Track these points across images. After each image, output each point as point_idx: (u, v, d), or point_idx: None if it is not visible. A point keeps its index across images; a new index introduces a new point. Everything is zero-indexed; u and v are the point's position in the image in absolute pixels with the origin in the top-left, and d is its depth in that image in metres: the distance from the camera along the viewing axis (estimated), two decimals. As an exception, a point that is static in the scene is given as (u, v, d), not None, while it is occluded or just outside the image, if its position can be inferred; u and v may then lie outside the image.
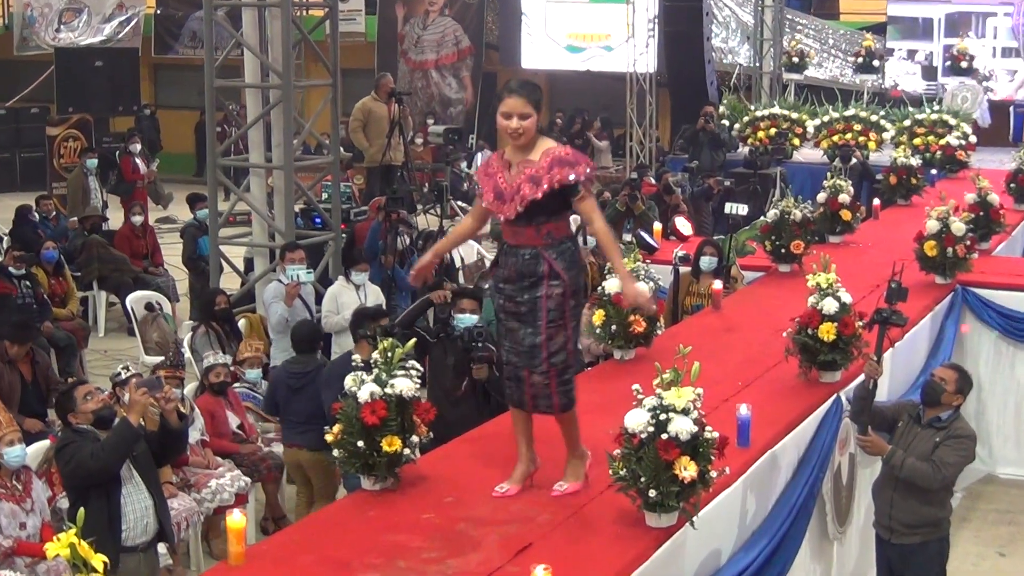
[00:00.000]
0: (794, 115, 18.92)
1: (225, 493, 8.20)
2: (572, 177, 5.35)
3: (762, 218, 11.30)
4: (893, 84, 22.74)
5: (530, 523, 5.42)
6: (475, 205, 5.82)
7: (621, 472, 5.28)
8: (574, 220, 5.83)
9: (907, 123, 18.07)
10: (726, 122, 18.86)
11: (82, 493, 6.22)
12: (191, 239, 13.85)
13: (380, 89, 16.17)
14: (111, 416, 6.46)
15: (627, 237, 11.00)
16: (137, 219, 14.61)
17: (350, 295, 10.47)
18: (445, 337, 8.16)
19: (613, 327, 7.80)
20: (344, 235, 12.48)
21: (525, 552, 5.12)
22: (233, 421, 8.93)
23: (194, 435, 8.26)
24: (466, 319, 7.99)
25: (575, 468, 5.76)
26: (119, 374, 7.62)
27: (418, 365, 5.76)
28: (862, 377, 7.01)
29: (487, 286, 12.25)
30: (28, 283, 11.77)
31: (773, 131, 18.65)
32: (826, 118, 18.70)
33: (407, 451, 5.62)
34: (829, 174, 12.22)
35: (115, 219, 17.19)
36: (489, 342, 7.81)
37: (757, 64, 22.53)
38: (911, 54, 23.38)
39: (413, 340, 5.96)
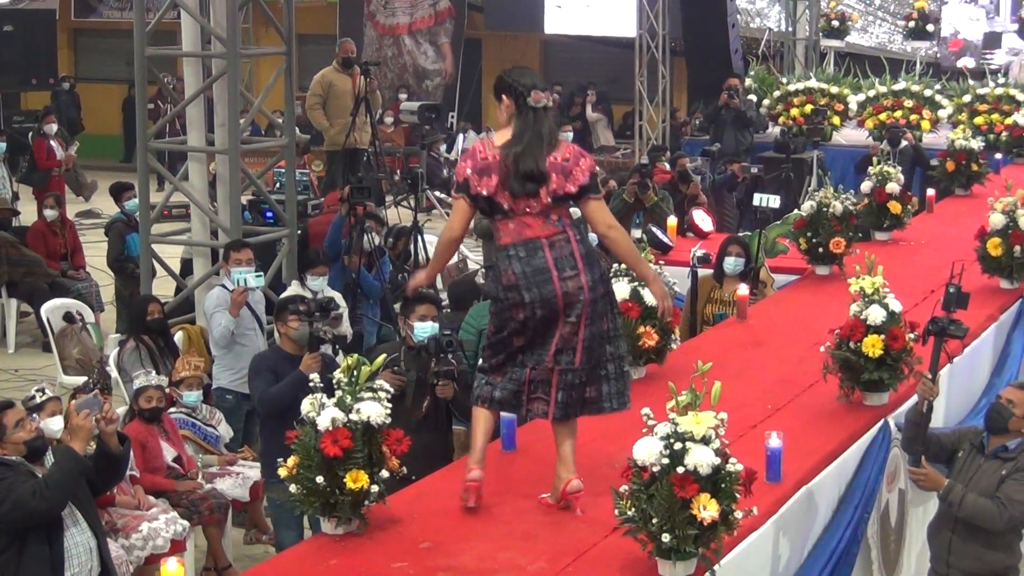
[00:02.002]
0: (834, 89, 18.97)
1: (159, 539, 8.19)
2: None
3: (796, 211, 11.32)
4: (953, 33, 22.62)
5: (521, 572, 5.43)
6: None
7: (629, 512, 5.28)
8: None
9: (967, 99, 18.12)
10: (753, 98, 18.91)
11: (17, 537, 6.22)
12: (118, 237, 13.82)
13: (339, 57, 16.19)
14: (44, 447, 6.47)
15: (636, 233, 11.04)
16: (51, 213, 14.59)
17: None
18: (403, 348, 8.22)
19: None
20: (298, 232, 12.47)
21: (515, 608, 5.14)
22: (169, 453, 8.92)
23: (121, 467, 8.25)
24: (426, 328, 8.01)
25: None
26: (33, 397, 7.61)
27: (387, 386, 5.77)
28: (915, 399, 7.03)
29: (483, 282, 12.26)
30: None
31: (809, 108, 18.70)
32: (871, 93, 18.75)
33: (375, 488, 5.62)
34: (875, 159, 12.25)
35: (27, 213, 17.16)
36: (459, 353, 7.93)
37: (790, 29, 22.59)
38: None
39: (383, 356, 5.96)
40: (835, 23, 21.75)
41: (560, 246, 5.94)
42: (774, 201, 11.47)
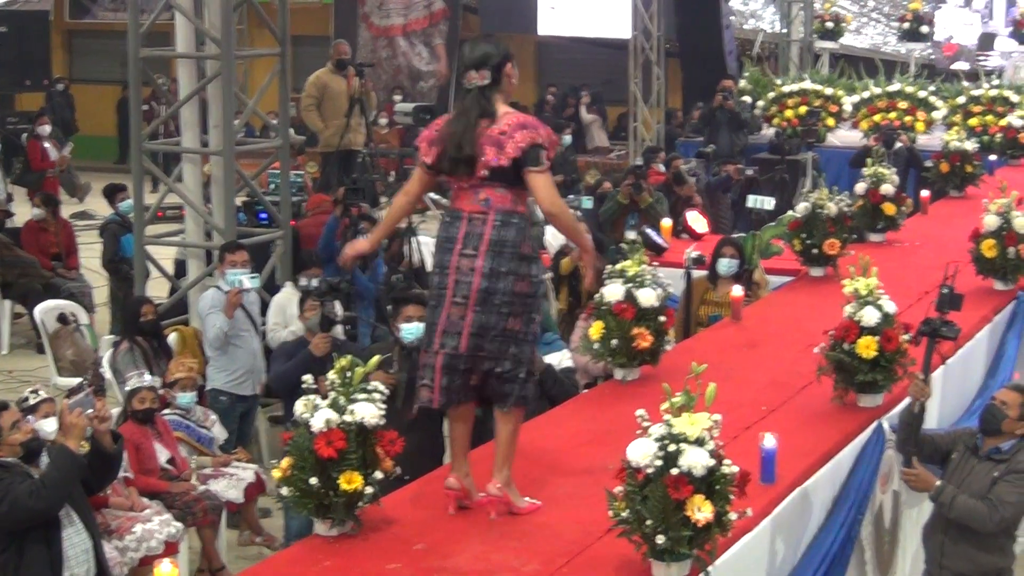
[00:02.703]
0: (828, 91, 18.98)
1: (152, 540, 8.19)
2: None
3: (790, 213, 11.33)
4: (948, 37, 22.66)
5: (515, 574, 5.43)
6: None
7: (623, 513, 5.28)
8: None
9: (961, 100, 18.14)
10: (748, 99, 18.92)
11: (16, 538, 6.22)
12: (112, 238, 13.80)
13: (333, 58, 16.18)
14: (40, 448, 6.48)
15: (631, 235, 11.03)
16: (37, 212, 14.60)
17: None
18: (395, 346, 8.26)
19: (613, 341, 7.80)
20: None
21: (509, 609, 5.14)
22: (162, 455, 8.92)
23: (115, 469, 8.25)
24: (412, 329, 8.03)
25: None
26: (27, 399, 7.61)
27: (382, 387, 5.77)
28: (908, 400, 7.03)
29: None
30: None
31: (803, 110, 18.71)
32: (866, 94, 18.78)
33: (369, 489, 5.62)
34: (869, 160, 12.26)
35: (21, 214, 17.15)
36: None
37: (784, 30, 22.61)
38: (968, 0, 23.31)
39: (377, 357, 5.96)
40: (829, 24, 21.78)
41: (475, 224, 5.88)
42: (768, 203, 11.51)
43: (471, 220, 5.90)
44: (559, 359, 8.18)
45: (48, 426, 7.32)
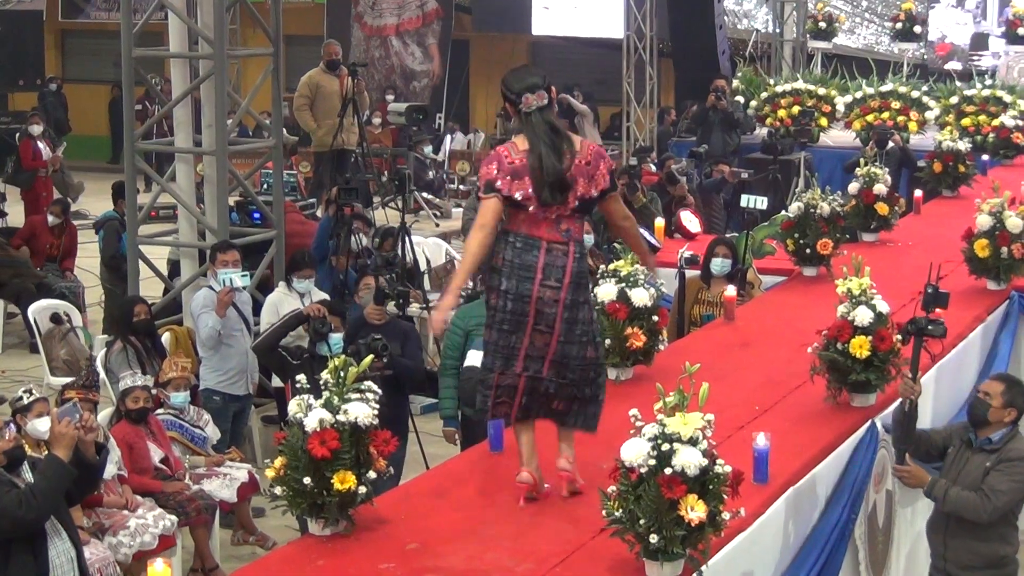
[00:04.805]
0: (821, 91, 18.97)
1: (147, 535, 8.20)
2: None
3: (783, 213, 11.32)
4: (940, 37, 22.66)
5: (509, 574, 5.43)
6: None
7: (616, 513, 5.29)
8: None
9: (954, 100, 18.14)
10: (741, 99, 18.91)
11: (1, 548, 6.19)
12: (113, 235, 13.74)
13: (324, 59, 16.17)
14: (22, 456, 6.45)
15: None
16: (53, 220, 14.63)
17: (292, 305, 10.46)
18: (311, 359, 8.45)
19: (607, 341, 7.80)
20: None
21: (503, 609, 5.14)
22: (156, 454, 8.91)
23: (110, 468, 8.24)
24: (334, 339, 8.36)
25: None
26: (21, 399, 7.60)
27: (375, 387, 5.77)
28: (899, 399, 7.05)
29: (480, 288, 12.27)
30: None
31: (796, 110, 18.70)
32: (859, 94, 18.76)
33: (362, 489, 5.62)
34: (862, 160, 12.27)
35: (14, 214, 17.16)
36: (389, 359, 8.33)
37: (777, 30, 22.61)
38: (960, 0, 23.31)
39: (370, 356, 5.97)
40: (822, 24, 21.74)
41: (556, 255, 5.98)
42: (761, 202, 11.49)
43: (550, 250, 6.01)
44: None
45: (42, 425, 7.31)
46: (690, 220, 12.64)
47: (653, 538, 5.17)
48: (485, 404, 6.17)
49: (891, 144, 16.48)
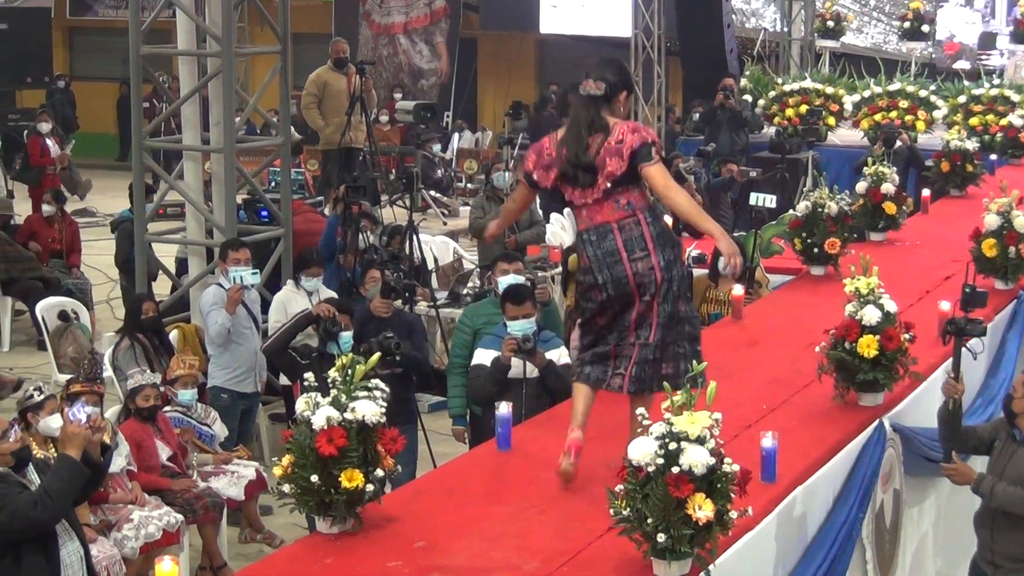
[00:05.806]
0: (829, 90, 18.97)
1: (151, 526, 8.20)
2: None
3: (791, 212, 11.32)
4: (949, 36, 22.64)
5: (516, 572, 5.43)
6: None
7: (624, 512, 5.29)
8: None
9: (962, 100, 18.13)
10: (748, 98, 18.91)
11: (12, 548, 6.19)
12: (126, 237, 13.63)
13: (331, 57, 16.18)
14: (28, 457, 6.45)
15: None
16: (48, 208, 14.60)
17: (301, 304, 10.47)
18: (320, 357, 8.52)
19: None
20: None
21: (510, 607, 5.14)
22: (164, 452, 8.92)
23: (119, 462, 8.25)
24: (344, 338, 8.36)
25: None
26: (31, 396, 7.61)
27: (383, 385, 5.78)
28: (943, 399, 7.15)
29: (464, 292, 12.29)
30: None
31: (804, 109, 18.71)
32: (867, 93, 18.76)
33: (370, 487, 5.62)
34: (870, 159, 12.26)
35: (22, 211, 17.17)
36: (408, 354, 8.51)
37: (785, 29, 22.60)
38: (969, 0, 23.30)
39: (377, 355, 5.97)
40: (830, 23, 21.73)
41: (630, 228, 6.15)
42: (770, 201, 11.48)
43: (622, 228, 6.18)
44: (558, 356, 8.20)
45: (54, 423, 7.32)
46: (697, 219, 12.61)
47: (660, 537, 5.17)
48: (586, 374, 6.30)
49: (899, 143, 16.49)
